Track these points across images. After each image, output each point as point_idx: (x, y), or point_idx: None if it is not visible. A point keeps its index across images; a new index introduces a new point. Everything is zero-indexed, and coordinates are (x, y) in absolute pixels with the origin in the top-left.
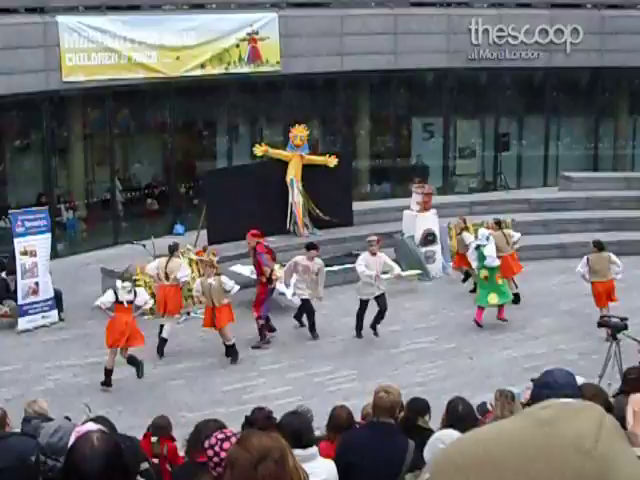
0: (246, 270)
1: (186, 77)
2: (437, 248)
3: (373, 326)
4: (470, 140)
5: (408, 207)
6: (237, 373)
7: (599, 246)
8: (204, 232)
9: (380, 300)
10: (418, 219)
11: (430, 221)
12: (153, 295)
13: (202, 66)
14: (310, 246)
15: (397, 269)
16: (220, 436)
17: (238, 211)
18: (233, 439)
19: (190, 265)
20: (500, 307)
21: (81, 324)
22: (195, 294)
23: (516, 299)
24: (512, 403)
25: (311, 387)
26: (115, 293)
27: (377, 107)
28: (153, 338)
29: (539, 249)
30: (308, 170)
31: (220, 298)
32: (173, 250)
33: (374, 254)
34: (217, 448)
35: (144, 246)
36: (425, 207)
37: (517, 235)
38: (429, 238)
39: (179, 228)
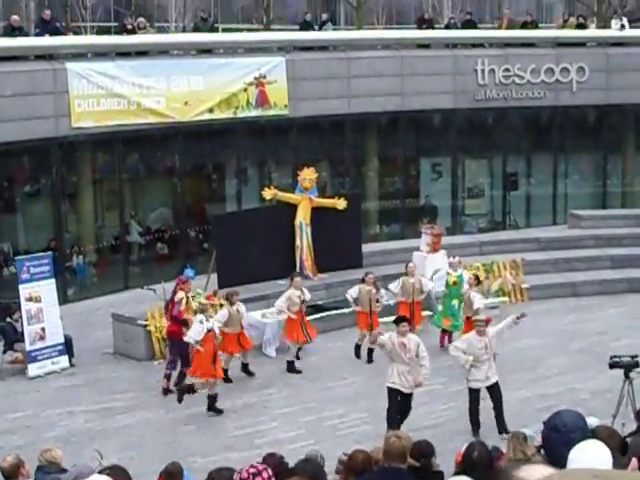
0: (257, 315)
1: (195, 122)
2: (435, 276)
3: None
4: (478, 180)
5: (418, 248)
6: (248, 417)
7: None
8: (214, 276)
9: (493, 390)
10: (428, 260)
11: (440, 262)
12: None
13: (210, 110)
14: (400, 320)
15: (507, 320)
16: (252, 470)
17: (248, 255)
18: (265, 474)
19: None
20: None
21: (92, 369)
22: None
23: None
24: (525, 445)
25: (323, 431)
26: (203, 324)
27: (385, 148)
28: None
29: (549, 288)
30: (317, 213)
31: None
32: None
33: (481, 334)
34: None
35: (154, 291)
36: (435, 248)
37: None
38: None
39: (189, 272)
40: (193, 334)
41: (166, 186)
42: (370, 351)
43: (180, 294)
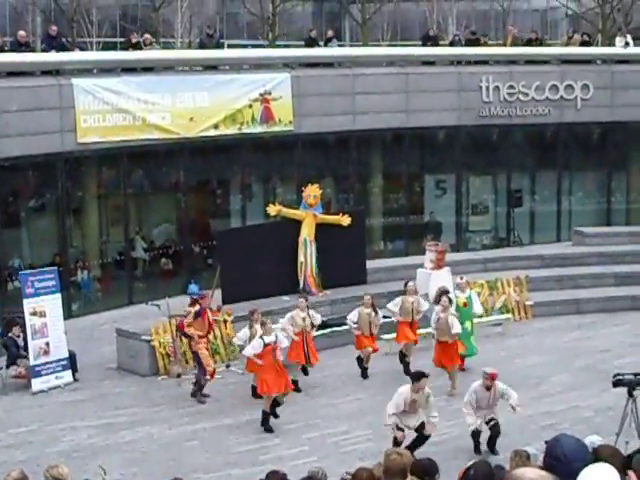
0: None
1: (200, 137)
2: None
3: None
4: (483, 196)
5: (422, 265)
6: (252, 434)
7: None
8: (218, 292)
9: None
10: (432, 277)
11: (444, 279)
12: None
13: (215, 126)
14: (417, 376)
15: (514, 397)
16: None
17: (252, 271)
18: None
19: None
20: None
21: (96, 385)
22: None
23: None
24: (527, 463)
25: (326, 447)
26: (262, 339)
27: (390, 165)
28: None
29: (553, 305)
30: (321, 229)
31: None
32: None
33: (488, 388)
34: None
35: (158, 307)
36: (439, 265)
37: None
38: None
39: (193, 287)
40: (249, 349)
41: (171, 201)
42: (364, 366)
43: (191, 309)
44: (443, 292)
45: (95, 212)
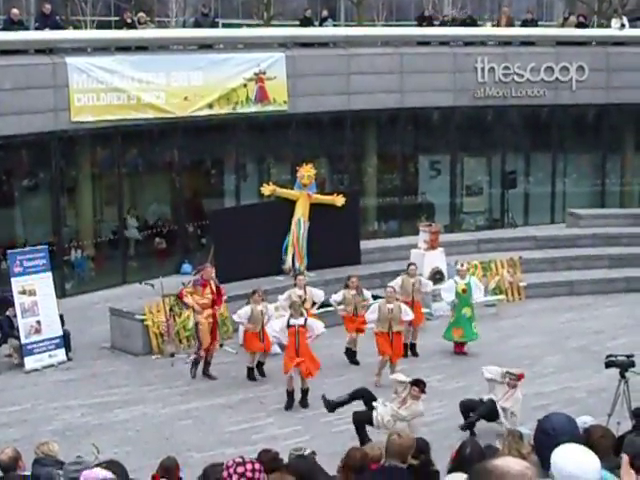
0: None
1: (194, 117)
2: (443, 286)
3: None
4: (477, 177)
5: (416, 245)
6: (245, 413)
7: None
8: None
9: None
10: (426, 257)
11: (438, 259)
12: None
13: (210, 106)
14: (417, 383)
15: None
16: (237, 460)
17: (246, 250)
18: (249, 465)
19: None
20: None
21: (89, 364)
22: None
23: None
24: (520, 442)
25: (319, 427)
26: (288, 319)
27: (384, 145)
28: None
29: (546, 286)
30: (316, 209)
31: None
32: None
33: (510, 386)
34: (231, 470)
35: (152, 286)
36: (432, 245)
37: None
38: (437, 277)
39: (187, 267)
40: (276, 325)
41: (165, 181)
42: (352, 353)
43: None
44: (436, 272)
45: (89, 191)
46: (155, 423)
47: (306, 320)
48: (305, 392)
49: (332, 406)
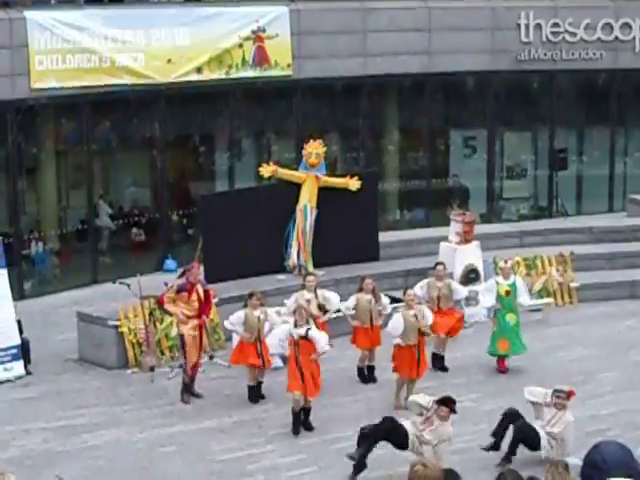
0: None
1: (179, 83)
2: (480, 288)
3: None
4: (520, 157)
5: (445, 238)
6: (239, 439)
7: None
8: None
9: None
10: (458, 253)
11: (472, 255)
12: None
13: (199, 70)
14: (444, 402)
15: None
16: None
17: (241, 243)
18: None
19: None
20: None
21: (53, 379)
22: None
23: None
24: (565, 474)
25: (329, 456)
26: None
27: (408, 118)
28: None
29: (603, 288)
30: (325, 194)
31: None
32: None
33: (559, 407)
34: None
35: (128, 286)
36: (466, 238)
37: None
38: (471, 276)
39: (170, 264)
40: (279, 333)
41: (144, 160)
42: (370, 369)
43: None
44: (470, 270)
45: (52, 172)
46: (131, 450)
47: (308, 331)
48: (307, 412)
49: (359, 462)
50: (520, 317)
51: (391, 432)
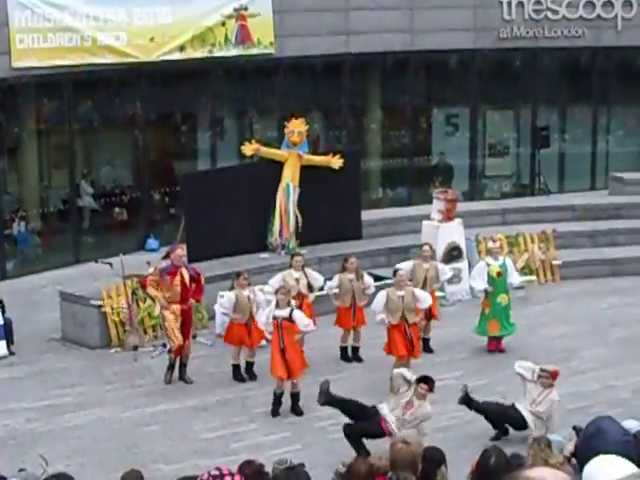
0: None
1: (161, 62)
2: (463, 265)
3: None
4: (502, 135)
5: (428, 216)
6: (223, 417)
7: None
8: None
9: None
10: (440, 230)
11: (454, 233)
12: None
13: (181, 49)
14: (422, 380)
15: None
16: (214, 473)
17: (223, 222)
18: (227, 478)
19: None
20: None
21: (36, 359)
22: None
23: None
24: (548, 451)
25: (312, 434)
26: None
27: (390, 96)
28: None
29: (585, 265)
30: (308, 172)
31: None
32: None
33: (545, 386)
34: None
35: (111, 265)
36: (448, 216)
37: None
38: (454, 253)
39: (152, 243)
40: (261, 317)
41: (126, 139)
42: (355, 350)
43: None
44: (453, 248)
45: (34, 152)
46: (115, 429)
47: (292, 312)
48: (295, 397)
49: (328, 400)
50: (511, 297)
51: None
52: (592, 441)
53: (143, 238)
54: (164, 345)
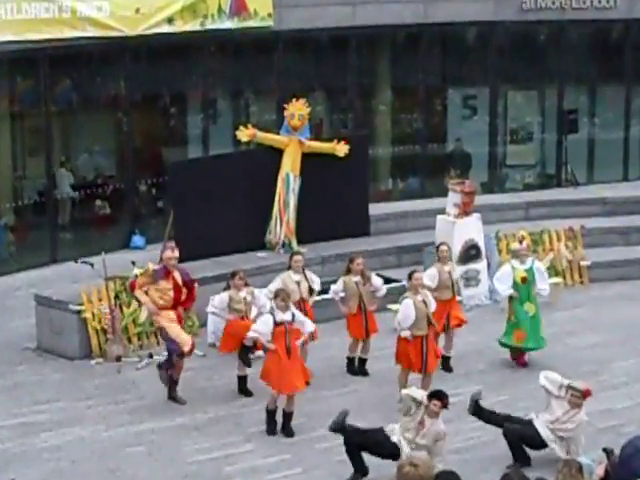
0: None
1: (148, 36)
2: (482, 266)
3: None
4: (525, 119)
5: (443, 210)
6: (215, 437)
7: None
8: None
9: None
10: (457, 227)
11: (472, 229)
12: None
13: (170, 21)
14: (435, 395)
15: None
16: None
17: (216, 217)
18: None
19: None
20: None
21: (7, 371)
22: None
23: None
24: (579, 476)
25: (315, 456)
26: (272, 314)
27: (401, 75)
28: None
29: (617, 266)
30: (309, 161)
31: None
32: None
33: (574, 406)
34: None
35: (92, 265)
36: (465, 210)
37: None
38: (471, 252)
39: (138, 240)
40: (259, 328)
41: (108, 123)
42: (362, 362)
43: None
44: (470, 247)
45: (7, 137)
46: (96, 450)
47: (294, 315)
48: (288, 416)
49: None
50: (540, 306)
51: (377, 445)
52: (631, 462)
53: (128, 234)
54: (151, 355)
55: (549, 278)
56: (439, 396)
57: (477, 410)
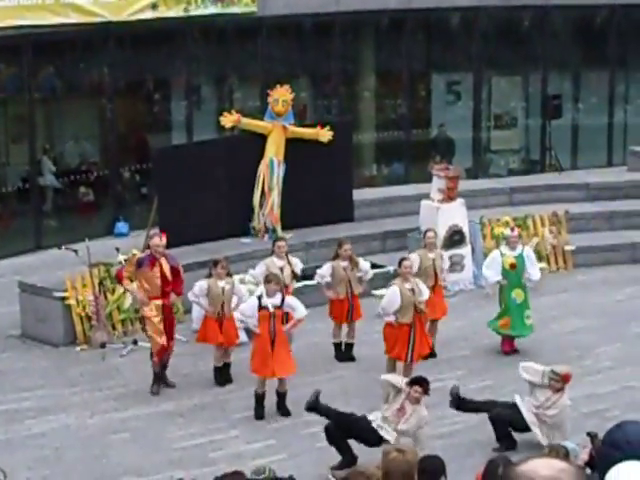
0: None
1: (132, 22)
2: (466, 251)
3: None
4: (509, 104)
5: (427, 196)
6: (200, 423)
7: None
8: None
9: None
10: (441, 212)
11: (456, 214)
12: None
13: (153, 7)
14: (415, 382)
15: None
16: None
17: (200, 203)
18: None
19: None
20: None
21: None
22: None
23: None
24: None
25: (299, 441)
26: (258, 298)
27: (385, 61)
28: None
29: (601, 251)
30: (293, 146)
31: None
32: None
33: (554, 390)
34: None
35: (76, 252)
36: (450, 195)
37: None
38: (455, 238)
39: (122, 227)
40: (245, 309)
41: (92, 109)
42: (349, 347)
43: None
44: (454, 232)
45: None
46: (81, 438)
47: (284, 300)
48: (282, 396)
49: (312, 407)
50: (529, 294)
51: (362, 432)
52: (612, 435)
53: (112, 221)
54: (135, 342)
55: None
56: (420, 382)
57: (459, 403)
